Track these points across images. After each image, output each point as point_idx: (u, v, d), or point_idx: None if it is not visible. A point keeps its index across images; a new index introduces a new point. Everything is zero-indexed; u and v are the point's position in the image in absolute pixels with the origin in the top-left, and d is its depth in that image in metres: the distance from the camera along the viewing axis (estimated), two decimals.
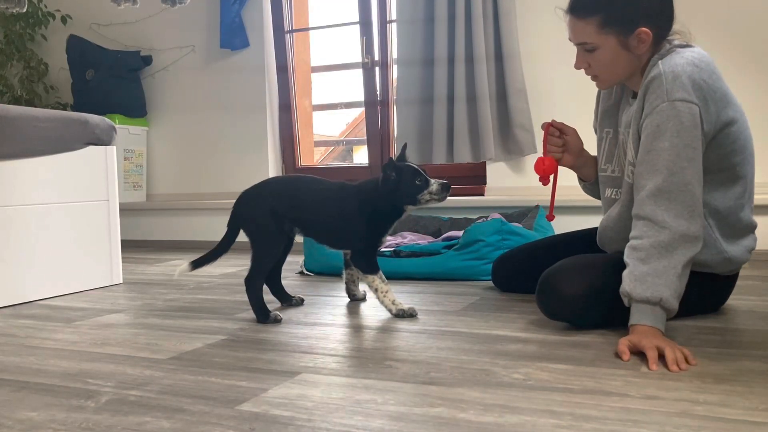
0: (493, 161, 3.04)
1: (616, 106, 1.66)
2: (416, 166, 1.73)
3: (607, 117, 1.68)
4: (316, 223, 1.79)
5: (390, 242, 2.31)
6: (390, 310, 1.73)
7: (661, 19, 1.48)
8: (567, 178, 2.71)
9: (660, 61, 1.44)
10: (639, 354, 1.28)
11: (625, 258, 1.40)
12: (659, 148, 1.38)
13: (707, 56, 1.45)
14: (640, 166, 1.43)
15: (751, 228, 1.57)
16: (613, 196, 1.66)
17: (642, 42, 1.47)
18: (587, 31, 1.49)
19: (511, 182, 3.05)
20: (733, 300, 1.77)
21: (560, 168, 1.72)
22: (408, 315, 1.71)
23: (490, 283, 2.15)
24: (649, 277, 1.33)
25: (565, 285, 1.49)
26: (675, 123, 1.37)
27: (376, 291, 1.74)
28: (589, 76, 1.58)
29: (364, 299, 1.96)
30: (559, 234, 2.06)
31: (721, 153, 1.46)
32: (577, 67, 1.56)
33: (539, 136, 2.93)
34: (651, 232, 1.36)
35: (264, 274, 1.77)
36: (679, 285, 1.34)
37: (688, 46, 1.48)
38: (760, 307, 1.71)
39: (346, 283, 1.96)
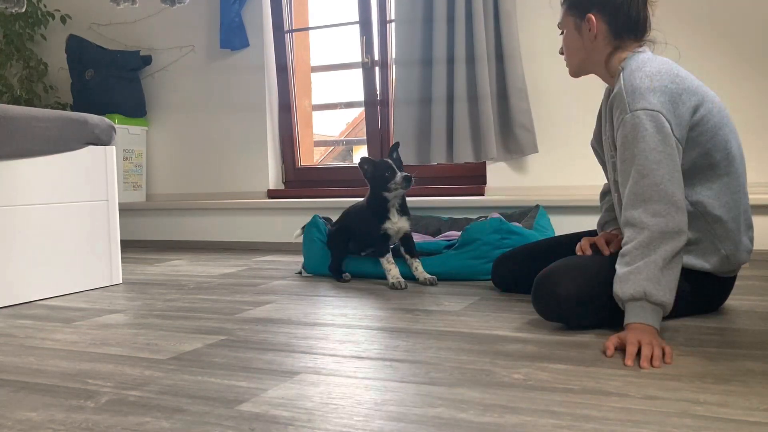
0: (494, 161, 3.04)
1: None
2: (389, 162, 2.12)
3: (607, 144, 1.69)
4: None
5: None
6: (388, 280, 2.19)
7: (616, 12, 1.55)
8: (566, 179, 2.70)
9: (621, 74, 1.50)
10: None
11: (616, 265, 1.42)
12: (628, 156, 1.44)
13: (667, 61, 1.50)
14: (620, 176, 1.48)
15: (748, 226, 1.57)
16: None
17: (591, 29, 1.57)
18: (562, 13, 1.67)
19: (511, 182, 3.04)
20: (733, 300, 1.77)
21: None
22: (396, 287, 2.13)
23: (490, 283, 2.15)
24: (631, 275, 1.36)
25: (559, 286, 1.49)
26: (640, 130, 1.42)
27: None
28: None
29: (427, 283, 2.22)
30: (560, 235, 2.06)
31: (700, 151, 1.48)
32: (560, 51, 1.70)
33: (540, 135, 2.97)
34: (634, 235, 1.39)
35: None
36: (663, 278, 1.34)
37: (644, 52, 1.54)
38: (760, 307, 1.71)
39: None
